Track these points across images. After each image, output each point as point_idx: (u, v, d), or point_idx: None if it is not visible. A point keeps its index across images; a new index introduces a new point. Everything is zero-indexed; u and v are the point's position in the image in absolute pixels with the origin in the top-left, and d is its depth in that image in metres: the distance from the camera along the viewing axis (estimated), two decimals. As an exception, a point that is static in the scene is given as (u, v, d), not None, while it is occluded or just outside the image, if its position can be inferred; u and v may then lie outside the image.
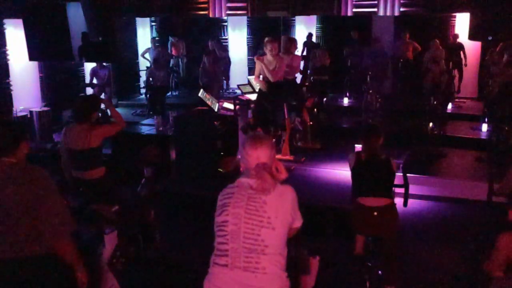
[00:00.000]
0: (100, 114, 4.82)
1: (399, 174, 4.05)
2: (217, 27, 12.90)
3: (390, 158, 3.90)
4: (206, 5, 10.87)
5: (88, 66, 10.29)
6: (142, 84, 11.83)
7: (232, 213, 2.27)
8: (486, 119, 8.74)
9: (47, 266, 2.66)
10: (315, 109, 8.59)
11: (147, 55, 11.51)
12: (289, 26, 12.35)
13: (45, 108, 9.24)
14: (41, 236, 2.61)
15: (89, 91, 10.31)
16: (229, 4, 10.91)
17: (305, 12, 11.32)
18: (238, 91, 8.46)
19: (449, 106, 9.80)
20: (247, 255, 2.22)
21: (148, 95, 10.44)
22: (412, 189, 4.41)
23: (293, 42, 7.83)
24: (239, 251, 2.23)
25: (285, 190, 2.35)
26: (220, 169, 6.49)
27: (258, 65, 6.93)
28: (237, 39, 12.94)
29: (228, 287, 2.25)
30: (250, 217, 2.24)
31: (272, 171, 2.34)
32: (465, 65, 10.83)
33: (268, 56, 6.82)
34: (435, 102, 8.20)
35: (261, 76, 7.00)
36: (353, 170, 3.94)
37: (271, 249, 2.23)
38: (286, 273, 2.32)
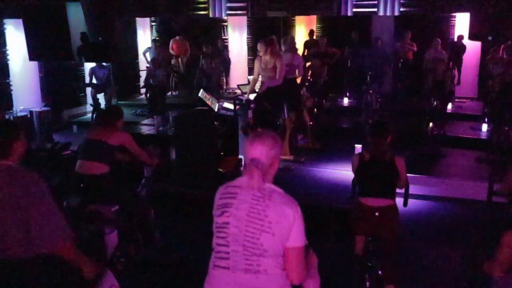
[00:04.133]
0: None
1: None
2: (217, 27, 12.92)
3: (396, 157, 3.83)
4: (206, 5, 10.87)
5: (88, 66, 10.29)
6: (142, 84, 11.84)
7: (234, 215, 2.22)
8: (486, 119, 8.73)
9: (38, 268, 2.64)
10: (315, 109, 8.59)
11: (147, 55, 11.52)
12: (289, 26, 12.35)
13: (45, 108, 9.24)
14: (31, 242, 2.57)
15: (89, 91, 10.30)
16: (229, 4, 10.91)
17: (305, 12, 11.32)
18: (238, 91, 8.47)
19: (449, 106, 9.80)
20: (248, 257, 2.20)
21: (147, 95, 10.45)
22: (412, 189, 4.41)
23: (290, 40, 7.85)
24: (240, 253, 2.21)
25: (290, 200, 2.24)
26: (220, 169, 6.49)
27: (257, 65, 6.96)
28: (237, 39, 12.95)
29: None
30: (252, 220, 2.19)
31: (268, 169, 2.27)
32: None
33: (265, 56, 6.82)
34: (435, 102, 8.19)
35: (260, 77, 7.03)
36: (356, 171, 3.91)
37: (271, 252, 2.20)
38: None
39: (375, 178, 3.79)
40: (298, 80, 8.11)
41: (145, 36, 13.06)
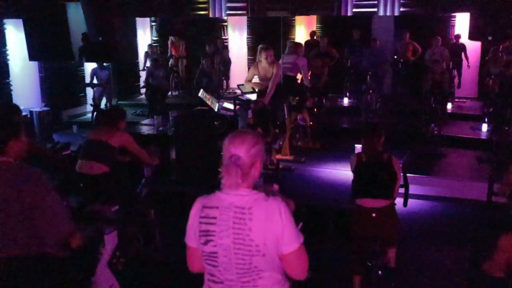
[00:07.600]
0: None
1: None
2: (217, 27, 12.92)
3: (392, 158, 3.86)
4: (206, 5, 10.87)
5: (88, 66, 10.29)
6: (142, 84, 11.85)
7: (219, 244, 2.08)
8: (486, 119, 8.73)
9: (44, 265, 2.65)
10: (315, 109, 8.59)
11: (148, 61, 11.60)
12: (289, 26, 12.35)
13: (45, 108, 9.24)
14: (39, 236, 2.59)
15: (89, 91, 10.31)
16: (229, 4, 10.91)
17: (305, 12, 11.32)
18: (238, 91, 8.47)
19: (449, 106, 9.80)
20: (244, 283, 2.10)
21: (147, 95, 10.45)
22: (412, 189, 4.41)
23: (300, 46, 7.96)
24: (235, 281, 2.11)
25: (273, 208, 2.07)
26: (220, 169, 6.48)
27: (252, 71, 6.97)
28: (237, 39, 12.95)
29: None
30: (239, 247, 2.06)
31: (249, 169, 2.13)
32: (468, 66, 10.81)
33: (263, 63, 6.81)
34: (435, 102, 8.19)
35: (256, 78, 7.05)
36: (354, 172, 3.92)
37: (267, 271, 2.10)
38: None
39: (372, 178, 3.80)
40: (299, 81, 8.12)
41: (145, 36, 13.06)
